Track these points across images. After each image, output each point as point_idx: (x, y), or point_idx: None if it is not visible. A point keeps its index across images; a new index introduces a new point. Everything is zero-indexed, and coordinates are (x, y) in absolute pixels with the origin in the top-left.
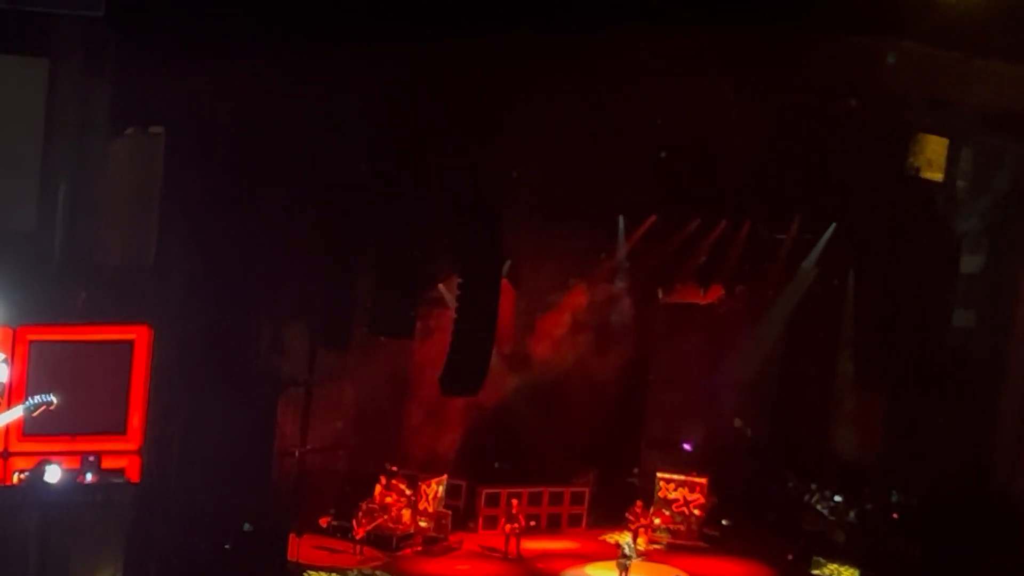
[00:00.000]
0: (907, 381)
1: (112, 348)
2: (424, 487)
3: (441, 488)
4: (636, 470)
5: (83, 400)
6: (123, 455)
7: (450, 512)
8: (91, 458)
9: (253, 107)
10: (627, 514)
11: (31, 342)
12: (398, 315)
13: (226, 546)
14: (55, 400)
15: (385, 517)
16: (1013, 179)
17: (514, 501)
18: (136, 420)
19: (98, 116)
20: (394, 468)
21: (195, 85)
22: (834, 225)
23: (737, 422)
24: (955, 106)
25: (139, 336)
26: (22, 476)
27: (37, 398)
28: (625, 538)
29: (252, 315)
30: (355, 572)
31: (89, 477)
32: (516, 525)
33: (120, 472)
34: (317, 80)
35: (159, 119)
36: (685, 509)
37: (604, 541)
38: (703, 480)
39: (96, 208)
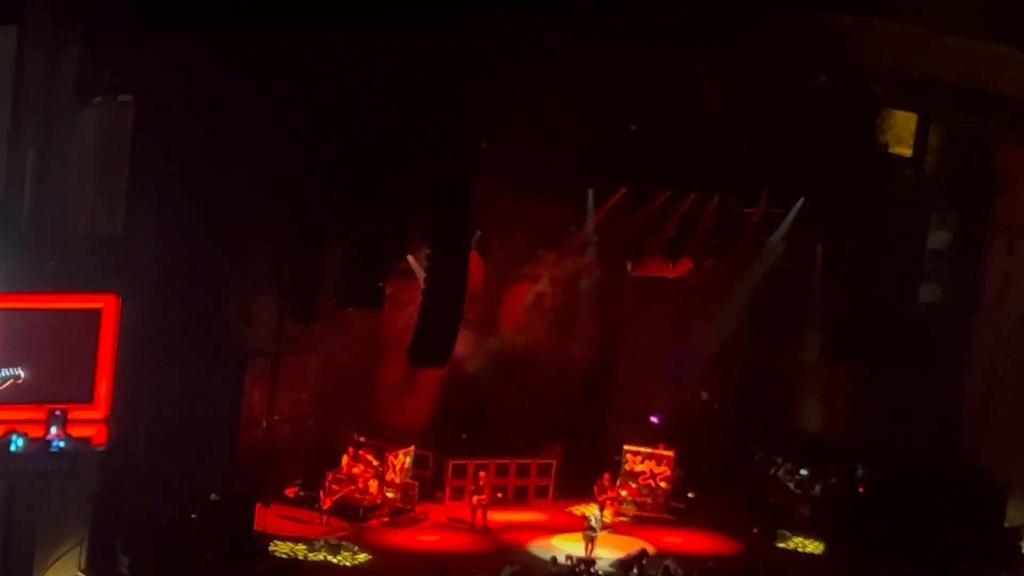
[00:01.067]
0: (874, 355)
1: (80, 316)
2: (391, 458)
3: (408, 459)
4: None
5: (51, 369)
6: (90, 424)
7: (417, 483)
8: (57, 412)
9: (222, 77)
10: (594, 486)
11: None
12: (367, 286)
13: (192, 515)
14: (22, 374)
15: (352, 488)
16: (980, 155)
17: (481, 473)
18: (103, 389)
19: (67, 84)
20: (361, 439)
21: (164, 54)
22: (802, 200)
23: (704, 395)
24: (923, 82)
25: (107, 304)
26: None
27: (4, 371)
28: (592, 510)
29: (220, 285)
30: (321, 542)
31: (54, 431)
32: (483, 497)
33: (87, 441)
34: (287, 51)
35: (128, 88)
36: (652, 482)
37: (571, 513)
38: (670, 453)
39: (65, 177)
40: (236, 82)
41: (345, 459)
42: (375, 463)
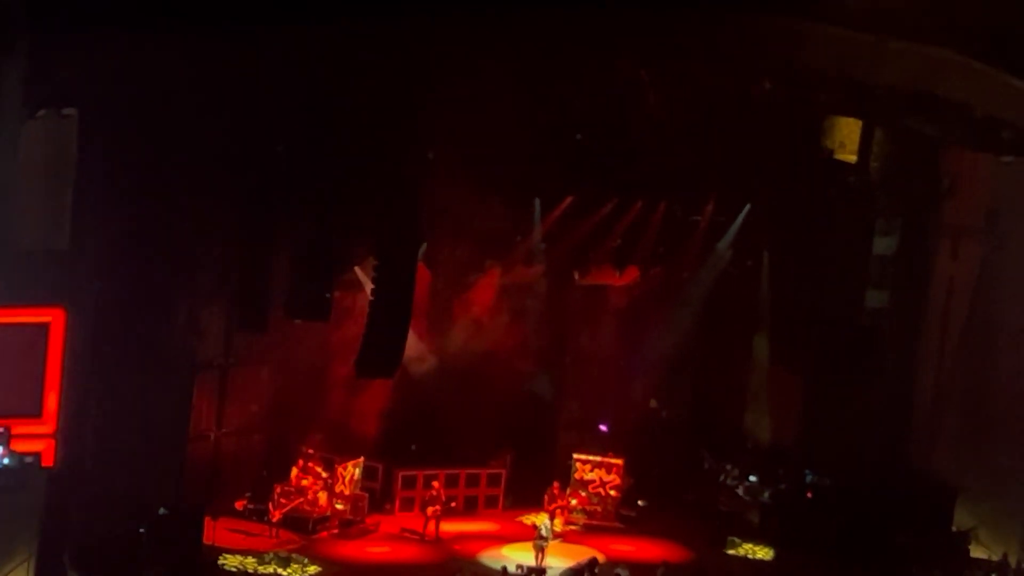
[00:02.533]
0: (822, 361)
1: (28, 330)
2: (340, 469)
3: (358, 470)
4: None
5: None
6: (39, 438)
7: (367, 494)
8: (0, 429)
9: (167, 89)
10: (544, 495)
11: None
12: (314, 298)
13: (141, 529)
14: None
15: (301, 500)
16: (926, 159)
17: (435, 483)
18: (52, 403)
19: (10, 98)
20: (310, 451)
21: (108, 67)
22: (748, 206)
23: (652, 403)
24: (868, 88)
25: (55, 318)
26: None
27: None
28: (542, 519)
29: (168, 297)
30: (271, 555)
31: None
32: (437, 507)
33: (36, 456)
34: (232, 61)
35: (72, 101)
36: (601, 490)
37: (521, 522)
38: (619, 461)
39: (9, 190)
40: (181, 93)
41: (294, 471)
42: (324, 475)
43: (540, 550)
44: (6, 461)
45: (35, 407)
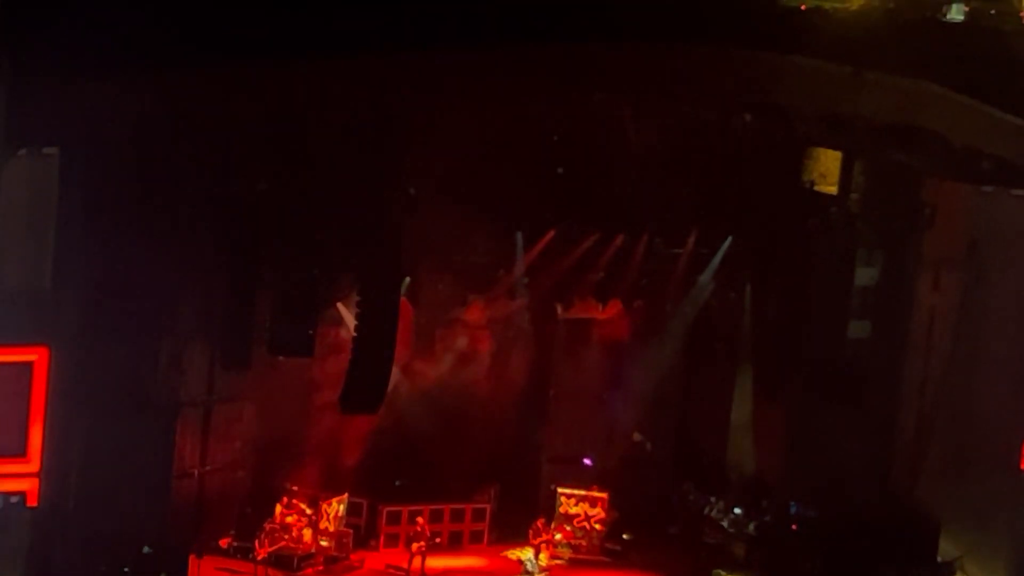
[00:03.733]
0: (805, 393)
1: (12, 369)
2: (324, 506)
3: (342, 507)
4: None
5: None
6: (24, 478)
7: (351, 531)
8: None
9: (148, 127)
10: (529, 530)
11: None
12: (297, 334)
13: (125, 569)
14: None
15: (287, 538)
16: (906, 191)
17: (419, 519)
18: (36, 441)
19: None
20: (294, 488)
21: (89, 105)
22: (730, 239)
23: (636, 436)
24: (847, 120)
25: (39, 357)
26: None
27: None
28: (527, 554)
29: (150, 335)
30: None
31: None
32: (422, 543)
33: (21, 495)
34: (214, 99)
35: (53, 140)
36: (586, 524)
37: (506, 557)
38: (604, 495)
39: None
40: (162, 133)
41: (279, 508)
42: (308, 512)
43: None
44: None
45: (20, 446)
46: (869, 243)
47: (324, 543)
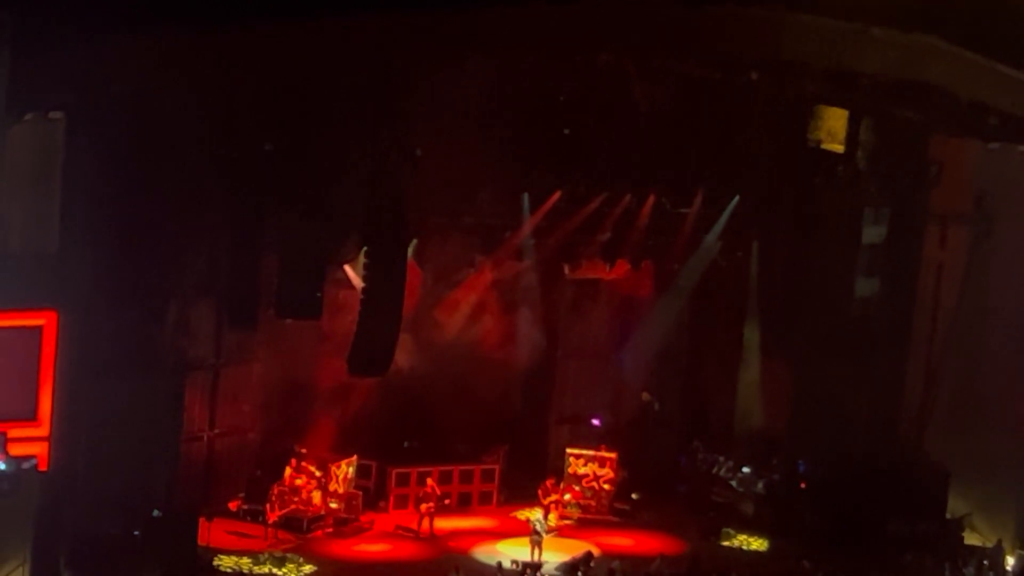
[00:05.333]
0: (813, 351)
1: (22, 333)
2: (334, 468)
3: (351, 469)
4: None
5: None
6: (35, 441)
7: (360, 493)
8: None
9: (154, 89)
10: (538, 490)
11: None
12: (304, 296)
13: (136, 532)
14: None
15: (296, 500)
16: (913, 147)
17: (428, 481)
18: (47, 406)
19: None
20: (303, 450)
21: (94, 69)
22: (737, 198)
23: (644, 396)
24: (853, 77)
25: (48, 321)
26: None
27: None
28: (536, 514)
29: (158, 298)
30: (266, 555)
31: None
32: (431, 504)
33: (32, 459)
34: (219, 61)
35: (58, 104)
36: (595, 484)
37: (515, 518)
38: (612, 455)
39: None
40: (167, 94)
41: (288, 471)
42: (318, 474)
43: (535, 545)
44: (2, 466)
45: (30, 410)
46: (876, 200)
47: (334, 505)
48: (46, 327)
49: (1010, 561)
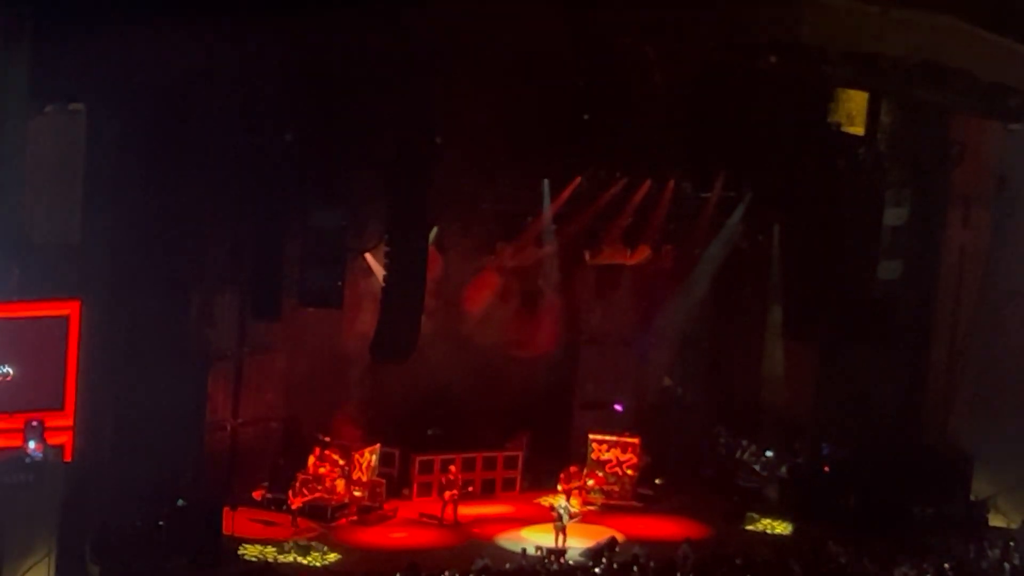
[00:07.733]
0: (836, 334)
1: (49, 324)
2: (357, 456)
3: (374, 457)
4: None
5: (23, 377)
6: (62, 431)
7: (384, 480)
8: (34, 423)
9: (174, 80)
10: (561, 476)
11: None
12: (326, 285)
13: (160, 522)
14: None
15: (320, 488)
16: (934, 128)
17: (452, 467)
18: (72, 396)
19: (17, 94)
20: (327, 438)
21: (114, 60)
22: (758, 181)
23: (667, 381)
24: (874, 59)
25: (73, 311)
26: None
27: None
28: (559, 501)
29: (181, 287)
30: (291, 544)
31: (33, 444)
32: (455, 491)
33: (60, 448)
34: (240, 50)
35: (79, 96)
36: (618, 470)
37: (539, 504)
38: (635, 440)
39: (20, 186)
40: (188, 83)
41: (312, 459)
42: (341, 462)
43: (560, 531)
44: (39, 455)
45: (58, 400)
46: (897, 183)
47: (357, 493)
48: (72, 317)
49: None
